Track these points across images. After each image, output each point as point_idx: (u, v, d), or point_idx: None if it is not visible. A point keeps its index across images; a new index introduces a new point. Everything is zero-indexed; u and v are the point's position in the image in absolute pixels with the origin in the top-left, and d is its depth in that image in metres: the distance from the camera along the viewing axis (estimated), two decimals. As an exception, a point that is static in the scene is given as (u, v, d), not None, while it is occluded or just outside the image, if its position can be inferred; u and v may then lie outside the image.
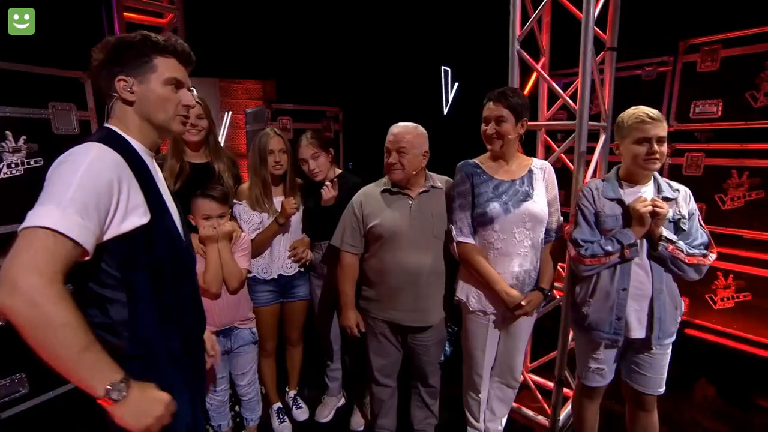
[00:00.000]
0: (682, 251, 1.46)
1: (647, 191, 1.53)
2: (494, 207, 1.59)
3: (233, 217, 1.91)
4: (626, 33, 2.06)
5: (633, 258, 1.49)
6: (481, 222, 1.62)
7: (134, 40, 0.95)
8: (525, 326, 1.76)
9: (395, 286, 1.70)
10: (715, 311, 2.87)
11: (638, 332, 1.55)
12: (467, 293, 1.71)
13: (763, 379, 2.55)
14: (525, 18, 1.92)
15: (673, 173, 2.94)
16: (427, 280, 1.71)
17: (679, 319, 1.59)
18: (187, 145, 1.86)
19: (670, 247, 1.45)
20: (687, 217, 1.50)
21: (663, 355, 1.60)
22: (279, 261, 1.99)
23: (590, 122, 1.78)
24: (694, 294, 2.93)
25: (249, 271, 1.85)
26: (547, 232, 1.69)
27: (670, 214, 1.48)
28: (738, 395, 2.43)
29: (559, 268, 2.04)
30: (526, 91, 2.10)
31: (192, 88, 1.04)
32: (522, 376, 2.09)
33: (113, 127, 0.96)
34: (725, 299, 2.83)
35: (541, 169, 1.67)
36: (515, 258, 1.63)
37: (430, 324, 1.76)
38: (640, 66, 3.06)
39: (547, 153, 2.24)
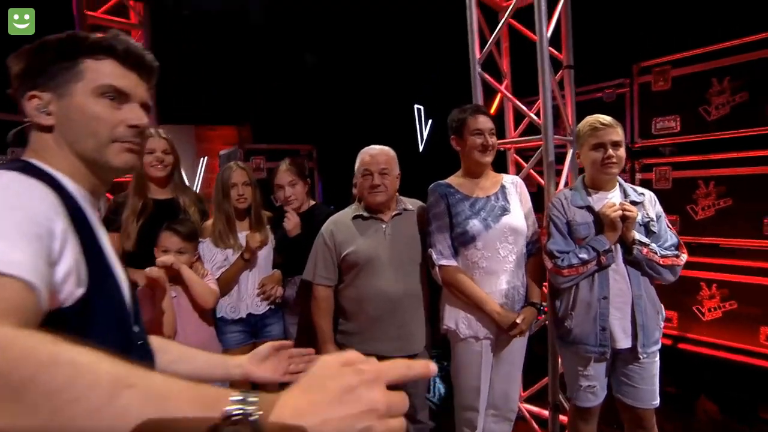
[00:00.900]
0: (656, 253, 1.47)
1: (614, 197, 1.55)
2: (474, 224, 1.56)
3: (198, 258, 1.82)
4: (584, 58, 2.17)
5: (610, 264, 1.48)
6: (462, 242, 1.58)
7: (54, 39, 0.67)
8: (519, 348, 1.69)
9: (375, 315, 1.61)
10: (705, 323, 2.83)
11: (624, 342, 1.50)
12: (456, 319, 1.63)
13: (765, 389, 2.48)
14: (484, 42, 1.99)
15: (645, 187, 3.00)
16: (407, 306, 1.64)
17: (662, 324, 1.56)
18: (152, 181, 1.80)
19: (645, 250, 1.46)
20: (655, 219, 1.52)
21: (651, 365, 1.54)
22: (247, 299, 1.88)
23: (556, 136, 1.81)
24: (682, 307, 2.90)
25: (218, 295, 1.73)
26: (528, 245, 1.66)
27: (639, 218, 1.49)
28: (742, 410, 2.34)
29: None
30: (492, 111, 2.14)
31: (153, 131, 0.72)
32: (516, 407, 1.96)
33: (31, 160, 0.66)
34: (712, 309, 2.81)
35: (513, 183, 1.68)
36: (502, 275, 1.58)
37: (415, 352, 1.66)
38: (600, 89, 3.21)
39: (518, 172, 2.26)
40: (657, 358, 1.58)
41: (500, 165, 2.12)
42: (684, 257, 1.51)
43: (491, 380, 1.71)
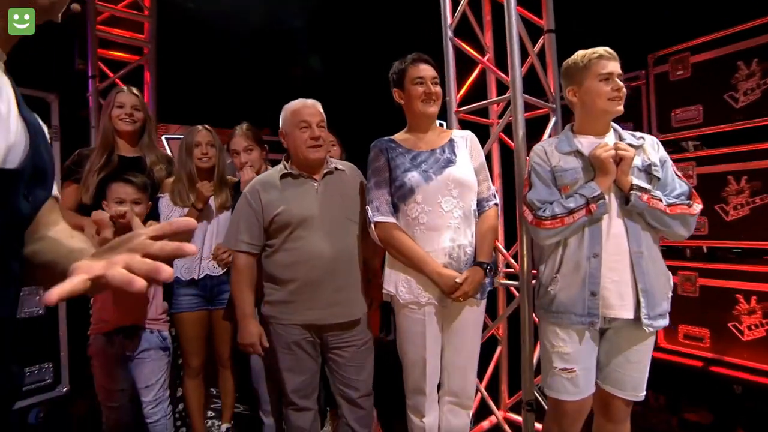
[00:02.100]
0: (661, 200, 1.24)
1: (608, 141, 1.33)
2: (413, 176, 1.42)
3: (156, 213, 1.81)
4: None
5: (601, 214, 1.26)
6: (401, 196, 1.44)
7: None
8: (472, 320, 1.48)
9: (310, 280, 1.47)
10: (744, 343, 2.38)
11: (620, 310, 1.26)
12: (395, 283, 1.46)
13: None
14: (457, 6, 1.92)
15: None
16: (345, 269, 1.50)
17: (670, 294, 1.30)
18: (120, 136, 1.85)
19: (645, 197, 1.23)
20: (659, 164, 1.30)
21: (646, 349, 1.29)
22: (203, 261, 1.83)
23: (537, 99, 1.66)
24: (716, 324, 2.47)
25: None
26: (479, 202, 1.49)
27: (638, 161, 1.28)
28: (786, 445, 1.88)
29: (510, 257, 1.78)
30: (467, 86, 2.03)
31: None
32: (495, 417, 1.70)
33: None
34: (753, 327, 2.36)
35: (463, 137, 1.53)
36: (445, 232, 1.41)
37: (354, 317, 1.50)
38: (614, 84, 3.00)
39: (504, 153, 2.10)
40: (653, 340, 1.31)
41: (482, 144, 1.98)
42: (698, 207, 1.26)
43: (444, 360, 1.49)
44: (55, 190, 0.81)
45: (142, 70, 2.75)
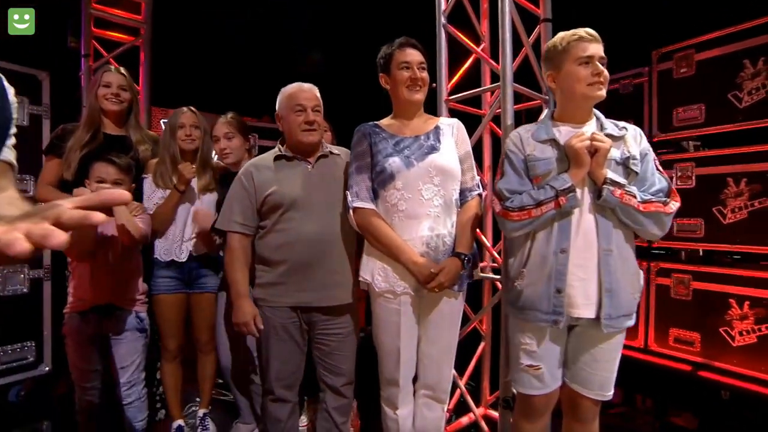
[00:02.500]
0: (634, 196, 1.18)
1: (588, 130, 1.27)
2: (394, 161, 1.39)
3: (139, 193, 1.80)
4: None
5: (571, 208, 1.21)
6: (381, 181, 1.41)
7: None
8: (449, 311, 1.45)
9: (301, 261, 1.46)
10: (735, 349, 2.33)
11: (584, 309, 1.22)
12: (372, 270, 1.44)
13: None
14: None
15: (664, 187, 2.63)
16: (336, 251, 1.49)
17: (638, 296, 1.25)
18: (106, 115, 1.83)
19: (618, 192, 1.17)
20: (638, 157, 1.24)
21: (613, 348, 1.25)
22: (188, 242, 1.82)
23: (529, 90, 1.61)
24: (707, 328, 2.43)
25: (147, 237, 1.66)
26: (462, 192, 1.45)
27: (616, 154, 1.22)
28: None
29: (494, 252, 1.75)
30: (460, 74, 1.98)
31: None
32: (473, 414, 1.67)
33: None
34: (744, 333, 2.31)
35: (450, 125, 1.48)
36: (424, 220, 1.38)
37: (344, 302, 1.49)
38: (616, 80, 2.93)
39: (496, 144, 2.05)
40: (622, 339, 1.27)
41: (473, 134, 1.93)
42: (675, 205, 1.20)
43: (420, 352, 1.47)
44: (8, 156, 0.79)
45: (137, 52, 2.72)
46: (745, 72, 2.35)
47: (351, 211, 1.41)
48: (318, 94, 1.54)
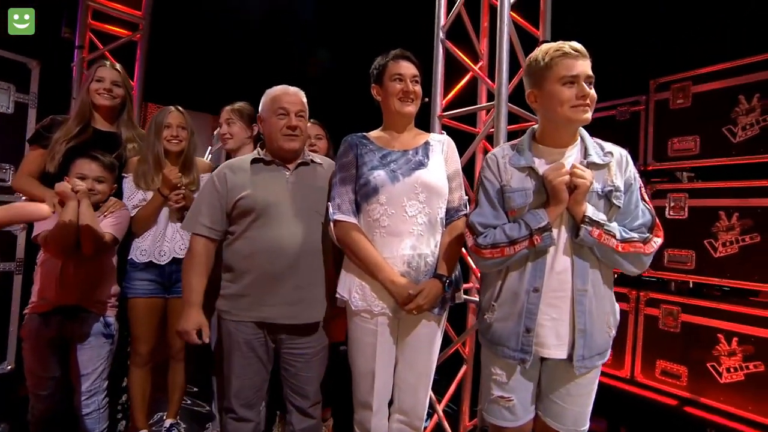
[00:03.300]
0: (614, 236, 1.11)
1: (572, 155, 1.19)
2: (379, 174, 1.34)
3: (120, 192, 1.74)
4: (596, 74, 1.98)
5: (546, 247, 1.14)
6: (364, 194, 1.36)
7: None
8: (426, 334, 1.39)
9: (269, 273, 1.38)
10: (722, 386, 2.29)
11: (555, 350, 1.16)
12: (349, 287, 1.37)
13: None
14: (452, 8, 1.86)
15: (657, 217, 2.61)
16: (308, 264, 1.41)
17: (613, 333, 1.20)
18: (98, 111, 1.79)
19: (596, 232, 1.10)
20: (622, 189, 1.16)
21: (588, 382, 1.20)
22: (170, 243, 1.75)
23: (524, 111, 1.59)
24: (694, 362, 2.38)
25: (117, 240, 1.60)
26: (449, 211, 1.41)
27: (598, 186, 1.14)
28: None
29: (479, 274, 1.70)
30: (455, 91, 1.96)
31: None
32: None
33: None
34: (732, 369, 2.27)
35: (440, 141, 1.45)
36: (406, 238, 1.33)
37: (314, 320, 1.41)
38: (614, 107, 2.94)
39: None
40: (598, 373, 1.22)
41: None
42: (657, 241, 1.14)
43: (396, 376, 1.41)
44: None
45: (134, 46, 2.69)
46: (740, 107, 2.36)
47: (331, 224, 1.35)
48: (304, 99, 1.49)
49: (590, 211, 1.12)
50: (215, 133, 1.94)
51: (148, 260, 1.73)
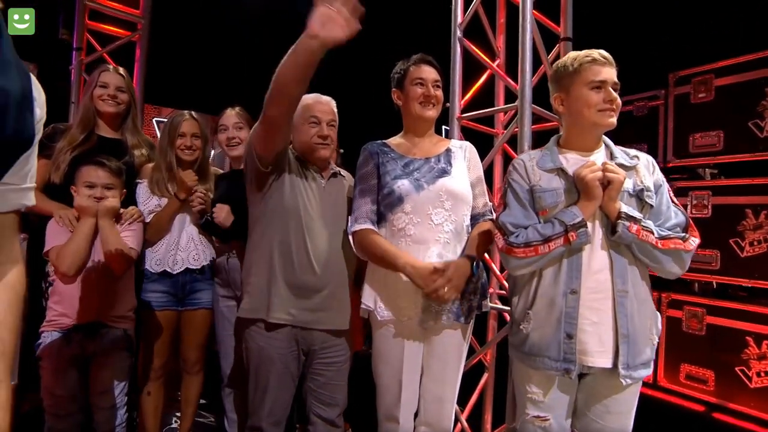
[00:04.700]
0: (652, 232, 1.07)
1: (597, 158, 1.17)
2: (403, 183, 1.29)
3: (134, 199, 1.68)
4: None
5: (581, 244, 1.10)
6: (389, 204, 1.31)
7: None
8: (454, 345, 1.33)
9: (306, 278, 1.35)
10: (752, 391, 2.21)
11: (599, 358, 1.09)
12: (374, 299, 1.32)
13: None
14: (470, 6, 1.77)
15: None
16: (338, 275, 1.41)
17: (656, 340, 1.14)
18: (101, 117, 1.72)
19: (635, 227, 1.07)
20: (652, 188, 1.14)
21: (630, 397, 1.13)
22: (184, 252, 1.68)
23: (546, 111, 1.51)
24: (722, 366, 2.30)
25: (138, 254, 1.54)
26: (474, 217, 1.35)
27: (629, 185, 1.12)
28: None
29: (503, 279, 1.63)
30: (473, 91, 1.88)
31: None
32: None
33: None
34: (762, 374, 2.19)
35: (462, 148, 1.40)
36: (433, 246, 1.27)
37: (343, 327, 1.40)
38: (630, 102, 2.84)
39: (507, 164, 1.94)
40: (638, 388, 1.15)
41: (485, 155, 1.83)
42: (695, 241, 1.10)
43: (422, 387, 1.35)
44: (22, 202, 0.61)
45: (133, 47, 2.61)
46: (766, 100, 2.27)
47: (351, 237, 1.32)
48: (335, 108, 1.45)
49: (625, 207, 1.09)
50: (216, 138, 1.85)
51: (162, 270, 1.67)
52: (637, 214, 1.09)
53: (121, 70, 1.77)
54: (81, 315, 1.42)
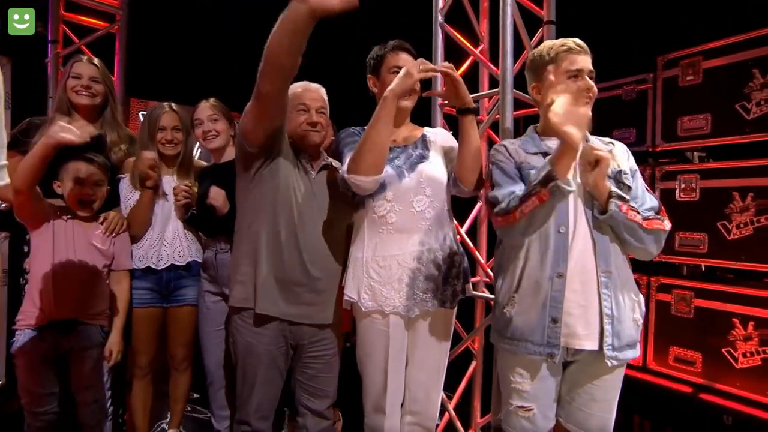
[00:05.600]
0: (638, 212, 1.08)
1: None
2: (386, 170, 1.26)
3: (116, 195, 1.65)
4: (601, 52, 1.86)
5: (568, 185, 1.01)
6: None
7: None
8: (438, 334, 1.34)
9: (295, 272, 1.34)
10: (738, 371, 2.23)
11: (586, 340, 1.09)
12: (358, 288, 1.31)
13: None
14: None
15: (666, 199, 2.52)
16: (328, 269, 1.40)
17: (640, 321, 1.13)
18: (77, 110, 1.67)
19: (624, 207, 1.06)
20: (629, 172, 1.15)
21: (614, 384, 1.13)
22: (169, 248, 1.66)
23: (520, 92, 1.48)
24: (709, 348, 2.32)
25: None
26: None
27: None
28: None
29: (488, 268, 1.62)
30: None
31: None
32: None
33: None
34: (748, 354, 2.21)
35: (435, 133, 1.41)
36: (415, 234, 1.27)
37: (330, 321, 1.40)
38: (619, 86, 2.81)
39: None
40: (622, 374, 1.15)
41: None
42: (668, 224, 1.13)
43: (407, 376, 1.35)
44: None
45: (112, 39, 2.54)
46: (754, 82, 2.25)
47: (345, 174, 1.25)
48: (324, 96, 1.44)
49: (614, 187, 1.09)
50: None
51: (145, 266, 1.64)
52: (625, 195, 1.09)
53: (96, 60, 1.72)
54: (55, 312, 1.40)
